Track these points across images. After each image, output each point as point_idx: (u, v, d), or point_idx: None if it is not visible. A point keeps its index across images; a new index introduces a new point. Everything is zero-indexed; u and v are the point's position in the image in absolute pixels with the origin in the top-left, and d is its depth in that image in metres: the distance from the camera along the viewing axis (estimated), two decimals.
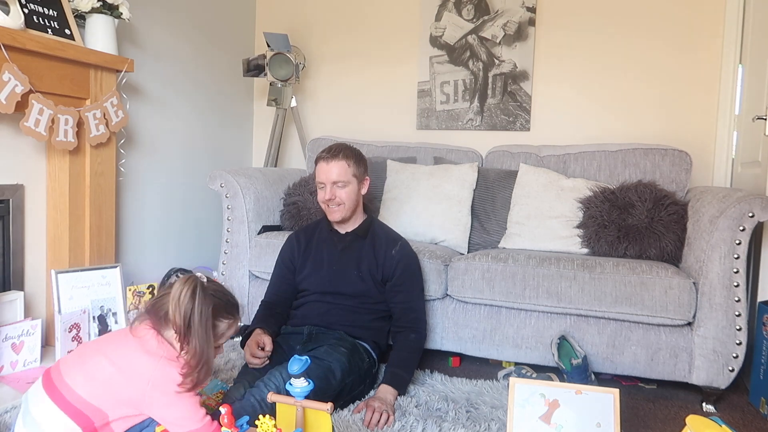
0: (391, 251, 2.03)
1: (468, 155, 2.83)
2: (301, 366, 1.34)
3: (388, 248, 2.04)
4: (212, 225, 3.22)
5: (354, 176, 2.01)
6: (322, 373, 1.70)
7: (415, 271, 2.08)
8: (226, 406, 1.25)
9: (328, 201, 1.99)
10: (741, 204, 1.89)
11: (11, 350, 1.98)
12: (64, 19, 2.17)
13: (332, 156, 1.99)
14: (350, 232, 2.07)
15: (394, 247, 2.04)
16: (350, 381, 1.81)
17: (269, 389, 1.56)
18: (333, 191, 1.99)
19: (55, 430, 1.25)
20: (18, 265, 2.16)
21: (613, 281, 2.02)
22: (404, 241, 2.10)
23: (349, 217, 2.05)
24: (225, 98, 3.36)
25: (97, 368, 1.28)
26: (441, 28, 3.21)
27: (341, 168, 1.98)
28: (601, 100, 2.99)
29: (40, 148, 2.21)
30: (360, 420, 1.71)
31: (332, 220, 2.05)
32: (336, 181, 1.98)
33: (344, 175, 1.98)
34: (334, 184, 1.98)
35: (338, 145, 2.04)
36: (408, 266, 2.04)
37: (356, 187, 2.03)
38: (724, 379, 1.94)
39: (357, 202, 2.06)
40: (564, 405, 1.46)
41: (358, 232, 2.07)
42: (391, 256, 2.02)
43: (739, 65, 2.72)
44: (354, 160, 2.02)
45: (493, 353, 2.20)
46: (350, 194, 2.01)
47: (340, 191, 1.99)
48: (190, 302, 1.28)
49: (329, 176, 1.98)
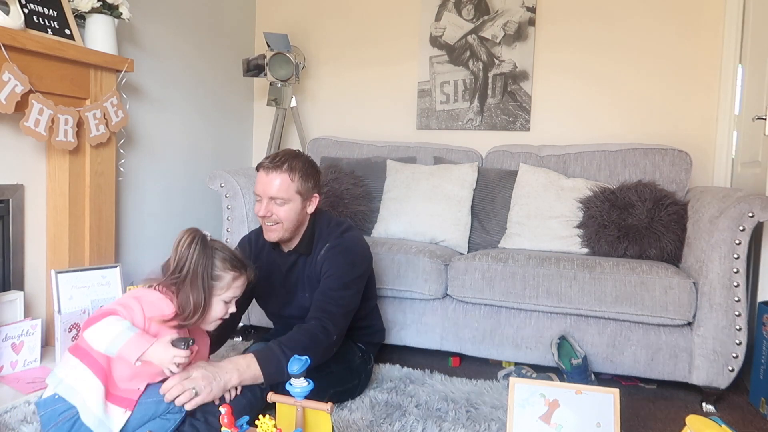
0: (318, 257, 1.80)
1: (468, 155, 2.83)
2: (301, 366, 1.34)
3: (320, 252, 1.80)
4: (212, 225, 3.22)
5: (297, 193, 1.73)
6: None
7: (337, 272, 1.75)
8: (226, 406, 1.25)
9: (263, 218, 1.74)
10: (741, 204, 1.89)
11: (11, 350, 1.98)
12: (64, 19, 2.17)
13: (274, 166, 1.71)
14: (293, 250, 1.84)
15: (322, 251, 1.80)
16: (338, 369, 1.78)
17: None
18: (269, 207, 1.72)
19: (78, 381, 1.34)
20: (18, 265, 2.16)
21: (613, 281, 2.02)
22: (339, 240, 1.81)
23: (288, 238, 1.80)
24: (225, 98, 3.36)
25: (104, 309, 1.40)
26: (441, 28, 3.21)
27: (283, 182, 1.70)
28: (601, 100, 2.99)
29: (40, 148, 2.21)
30: (360, 420, 1.71)
31: (267, 239, 1.80)
32: (274, 197, 1.71)
33: (284, 191, 1.71)
34: (271, 199, 1.72)
35: (285, 154, 1.75)
36: (329, 268, 1.76)
37: (299, 206, 1.75)
38: (724, 379, 1.94)
39: (299, 222, 1.79)
40: (564, 405, 1.46)
41: (300, 250, 1.83)
42: (317, 262, 1.79)
43: (739, 65, 2.72)
44: (300, 174, 1.73)
45: (493, 353, 2.20)
46: (290, 213, 1.73)
47: (278, 209, 1.72)
48: (186, 250, 1.39)
49: (266, 190, 1.71)
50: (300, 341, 1.59)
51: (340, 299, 1.73)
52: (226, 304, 1.48)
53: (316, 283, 1.79)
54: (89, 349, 1.34)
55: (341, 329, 1.72)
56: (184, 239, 1.40)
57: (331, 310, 1.70)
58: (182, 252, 1.39)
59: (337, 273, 1.75)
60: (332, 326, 1.67)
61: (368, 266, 1.89)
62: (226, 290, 1.46)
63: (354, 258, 1.80)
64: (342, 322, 1.72)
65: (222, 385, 1.44)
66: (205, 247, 1.41)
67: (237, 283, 1.48)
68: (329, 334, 1.66)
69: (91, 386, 1.33)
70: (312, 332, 1.63)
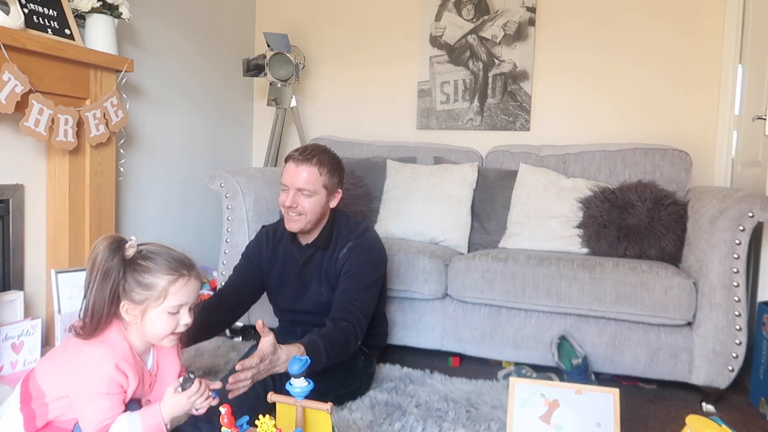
0: (340, 254, 1.83)
1: (468, 155, 2.83)
2: (301, 366, 1.34)
3: (341, 251, 1.84)
4: (212, 225, 3.22)
5: (324, 187, 1.78)
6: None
7: (359, 272, 1.80)
8: (226, 406, 1.25)
9: (288, 208, 1.78)
10: (741, 204, 1.89)
11: (11, 350, 1.98)
12: (64, 19, 2.17)
13: (304, 159, 1.76)
14: (311, 243, 1.88)
15: (344, 248, 1.84)
16: (341, 373, 1.79)
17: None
18: (295, 198, 1.76)
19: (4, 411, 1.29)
20: (18, 265, 2.16)
21: (613, 281, 2.02)
22: (361, 240, 1.85)
23: (309, 229, 1.84)
24: (225, 98, 3.36)
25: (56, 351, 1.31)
26: (441, 28, 3.21)
27: (311, 175, 1.76)
28: (601, 100, 2.99)
29: (40, 148, 2.21)
30: (360, 420, 1.71)
31: (288, 229, 1.84)
32: (302, 188, 1.76)
33: (312, 183, 1.76)
34: (299, 191, 1.76)
35: (315, 148, 1.80)
36: (352, 267, 1.81)
37: (323, 199, 1.80)
38: (724, 379, 1.94)
39: (322, 215, 1.84)
40: (564, 405, 1.46)
41: (319, 243, 1.86)
42: (339, 259, 1.83)
43: (739, 65, 2.72)
44: (328, 169, 1.79)
45: (493, 353, 2.20)
46: (314, 206, 1.78)
47: (304, 200, 1.76)
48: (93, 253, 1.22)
49: (295, 181, 1.76)
50: (337, 340, 1.65)
51: (362, 302, 1.78)
52: (173, 315, 1.27)
53: (334, 278, 1.83)
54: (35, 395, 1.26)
55: (364, 332, 1.77)
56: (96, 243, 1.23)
57: (358, 315, 1.75)
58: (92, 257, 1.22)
59: (360, 274, 1.80)
60: (360, 331, 1.74)
61: (385, 266, 1.94)
62: (163, 299, 1.24)
63: (374, 259, 1.86)
64: (365, 325, 1.77)
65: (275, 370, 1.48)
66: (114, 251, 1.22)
67: (176, 288, 1.25)
68: (357, 337, 1.73)
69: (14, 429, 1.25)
70: (347, 334, 1.69)
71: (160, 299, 1.25)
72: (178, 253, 1.29)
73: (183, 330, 1.30)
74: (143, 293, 1.24)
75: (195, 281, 1.30)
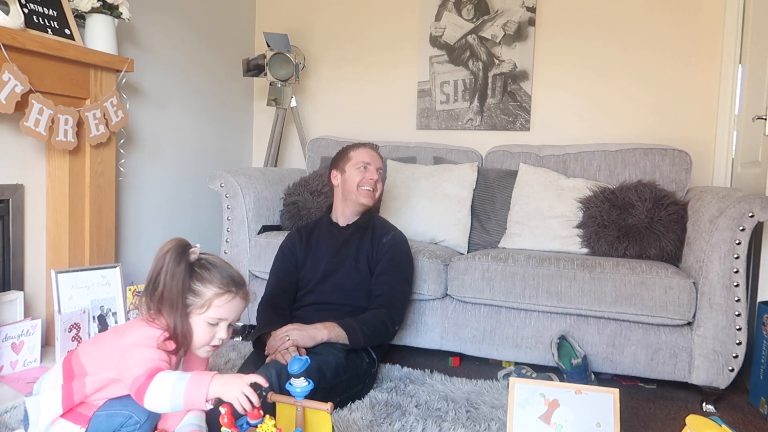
0: (383, 240, 2.05)
1: (468, 155, 2.83)
2: (301, 366, 1.34)
3: (382, 237, 2.06)
4: (212, 225, 3.22)
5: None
6: (316, 365, 1.71)
7: (402, 261, 2.06)
8: (226, 405, 1.25)
9: (375, 181, 2.07)
10: (741, 204, 1.89)
11: (11, 350, 1.98)
12: (64, 19, 2.17)
13: (375, 148, 2.13)
14: (351, 224, 2.10)
15: (386, 236, 2.07)
16: (346, 378, 1.80)
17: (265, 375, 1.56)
18: (378, 174, 2.09)
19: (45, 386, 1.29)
20: (18, 265, 2.16)
21: (613, 281, 2.02)
22: (398, 233, 2.12)
23: (372, 207, 2.13)
24: (225, 98, 3.36)
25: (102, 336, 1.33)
26: (441, 27, 3.21)
27: (382, 160, 2.14)
28: (601, 100, 2.99)
29: (40, 148, 2.21)
30: (360, 420, 1.71)
31: (364, 204, 2.08)
32: (380, 167, 2.11)
33: (383, 167, 2.15)
34: (378, 169, 2.09)
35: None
36: (395, 255, 2.04)
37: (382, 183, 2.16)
38: (723, 379, 1.94)
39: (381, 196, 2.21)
40: (564, 405, 1.46)
41: (360, 223, 2.10)
42: (382, 245, 2.04)
43: (739, 65, 2.72)
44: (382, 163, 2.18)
45: (493, 353, 2.20)
46: (382, 185, 2.14)
47: (379, 178, 2.10)
48: (162, 258, 1.26)
49: (376, 162, 2.09)
50: (372, 323, 1.88)
51: (402, 293, 2.02)
52: (212, 327, 1.29)
53: (374, 262, 2.02)
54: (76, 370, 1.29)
55: (402, 319, 2.03)
56: (164, 246, 1.28)
57: (396, 304, 1.98)
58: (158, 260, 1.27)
59: (402, 265, 2.05)
60: (398, 318, 1.97)
61: None
62: (207, 308, 1.27)
63: (409, 252, 2.12)
64: (404, 312, 2.04)
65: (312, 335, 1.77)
66: (180, 257, 1.26)
67: (220, 302, 1.28)
68: (394, 324, 1.95)
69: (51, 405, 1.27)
70: (383, 319, 1.91)
71: (203, 308, 1.28)
72: (233, 271, 1.34)
73: (218, 344, 1.33)
74: (191, 298, 1.28)
75: (241, 301, 1.33)
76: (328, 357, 1.75)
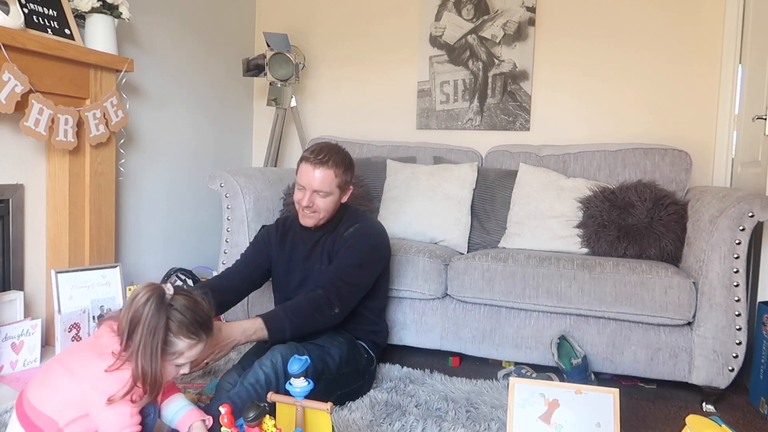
0: (346, 233, 1.90)
1: (468, 155, 2.83)
2: (301, 366, 1.34)
3: (346, 230, 1.90)
4: (212, 225, 3.22)
5: (338, 187, 1.85)
6: (320, 354, 1.71)
7: (359, 248, 1.87)
8: (226, 405, 1.25)
9: (305, 207, 1.85)
10: (741, 204, 1.89)
11: (11, 350, 1.98)
12: (64, 19, 2.17)
13: (320, 162, 1.81)
14: (320, 227, 1.94)
15: (350, 228, 1.90)
16: (347, 371, 1.80)
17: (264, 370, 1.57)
18: (312, 198, 1.83)
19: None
20: (18, 265, 2.16)
21: (612, 281, 2.02)
22: (367, 224, 1.94)
23: (322, 224, 1.92)
24: (225, 98, 3.36)
25: (53, 376, 1.25)
26: (441, 27, 3.21)
27: (327, 177, 1.81)
28: (601, 100, 2.99)
29: (40, 148, 2.21)
30: (360, 419, 1.71)
31: (303, 224, 1.91)
32: (318, 190, 1.82)
33: (328, 185, 1.82)
34: (315, 192, 1.83)
35: (329, 150, 1.85)
36: (355, 243, 1.87)
37: (337, 198, 1.88)
38: (723, 379, 1.94)
39: (334, 211, 1.92)
40: (564, 405, 1.46)
41: (328, 228, 1.94)
42: (343, 238, 1.89)
43: (739, 65, 2.72)
44: (343, 170, 1.85)
45: (493, 353, 2.20)
46: (329, 204, 1.86)
47: (320, 200, 1.83)
48: (141, 309, 1.23)
49: (311, 183, 1.81)
50: (303, 308, 1.72)
51: (352, 275, 1.83)
52: (178, 367, 1.32)
53: (336, 256, 1.88)
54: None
55: (347, 305, 1.82)
56: (140, 297, 1.24)
57: (339, 284, 1.79)
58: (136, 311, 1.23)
59: (358, 250, 1.86)
60: (337, 300, 1.77)
61: (387, 255, 1.99)
62: (178, 357, 1.29)
63: (376, 243, 1.92)
64: (349, 297, 1.82)
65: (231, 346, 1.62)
66: (160, 308, 1.23)
67: (192, 352, 1.30)
68: (332, 305, 1.76)
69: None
70: (316, 301, 1.74)
71: (173, 355, 1.29)
72: (203, 314, 1.32)
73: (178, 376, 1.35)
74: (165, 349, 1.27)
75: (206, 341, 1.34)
76: (331, 349, 1.77)
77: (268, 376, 1.56)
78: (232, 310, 2.06)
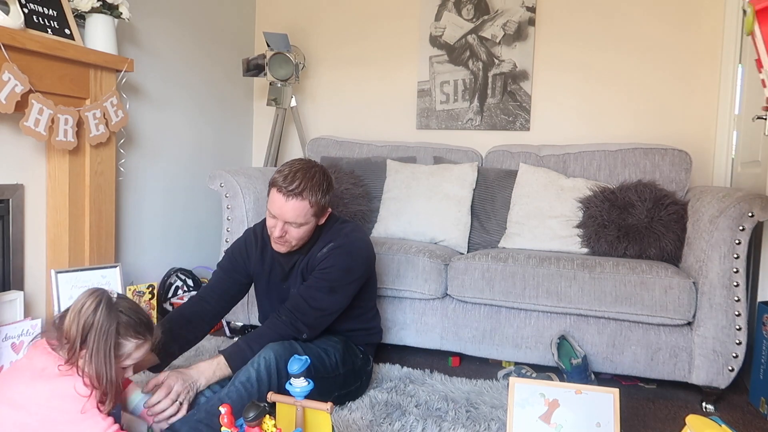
0: (319, 253, 1.78)
1: (468, 155, 2.83)
2: (301, 366, 1.34)
3: (320, 249, 1.79)
4: (212, 225, 3.22)
5: (314, 216, 1.72)
6: (318, 352, 1.71)
7: (335, 268, 1.75)
8: (226, 405, 1.25)
9: (276, 238, 1.73)
10: (741, 204, 1.89)
11: (11, 350, 1.98)
12: (64, 18, 2.17)
13: (293, 194, 1.65)
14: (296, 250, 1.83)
15: (325, 247, 1.78)
16: (345, 372, 1.80)
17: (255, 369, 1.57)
18: (285, 229, 1.71)
19: None
20: (18, 265, 2.16)
21: (612, 281, 2.02)
22: (344, 242, 1.79)
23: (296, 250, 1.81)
24: (225, 98, 3.36)
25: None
26: (441, 27, 3.21)
27: (301, 210, 1.67)
28: (601, 100, 2.99)
29: (40, 148, 2.21)
30: (360, 420, 1.71)
31: (275, 250, 1.80)
32: (291, 222, 1.69)
33: (302, 217, 1.68)
34: (287, 223, 1.70)
35: (303, 175, 1.68)
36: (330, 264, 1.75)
37: (313, 225, 1.76)
38: (723, 379, 1.94)
39: (309, 237, 1.79)
40: (564, 405, 1.46)
41: (303, 250, 1.82)
42: (316, 258, 1.78)
43: (739, 65, 2.72)
44: (318, 197, 1.69)
45: (493, 353, 2.20)
46: (303, 233, 1.73)
47: (294, 230, 1.71)
48: (92, 315, 1.22)
49: (284, 214, 1.67)
50: (268, 338, 1.68)
51: (319, 300, 1.74)
52: (125, 369, 1.33)
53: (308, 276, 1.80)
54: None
55: (315, 329, 1.76)
56: (88, 305, 1.23)
57: (306, 310, 1.72)
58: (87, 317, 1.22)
59: (329, 274, 1.75)
60: (303, 326, 1.72)
61: (366, 270, 1.86)
62: (126, 358, 1.30)
63: (352, 264, 1.79)
64: (315, 322, 1.75)
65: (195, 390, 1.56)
66: (110, 312, 1.24)
67: (139, 353, 1.31)
68: (299, 332, 1.72)
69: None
70: (281, 331, 1.70)
71: (122, 357, 1.30)
72: (145, 315, 1.34)
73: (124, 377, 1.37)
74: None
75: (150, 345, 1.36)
76: (328, 348, 1.77)
77: (259, 374, 1.56)
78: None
